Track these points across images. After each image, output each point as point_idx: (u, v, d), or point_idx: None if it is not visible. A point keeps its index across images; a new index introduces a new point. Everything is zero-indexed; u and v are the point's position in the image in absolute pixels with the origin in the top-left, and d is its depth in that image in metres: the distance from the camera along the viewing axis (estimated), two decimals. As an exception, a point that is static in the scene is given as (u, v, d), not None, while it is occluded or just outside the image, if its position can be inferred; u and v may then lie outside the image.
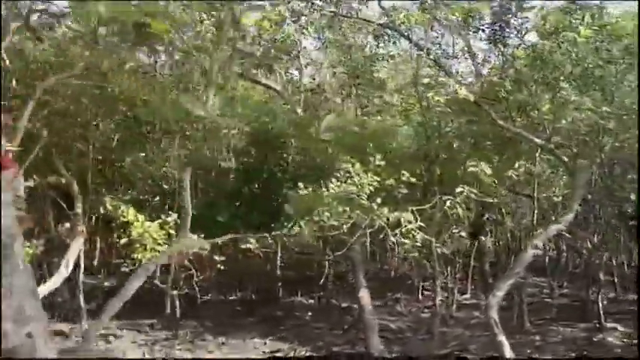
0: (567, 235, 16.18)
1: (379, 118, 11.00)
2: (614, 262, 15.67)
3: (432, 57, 10.41)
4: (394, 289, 15.33)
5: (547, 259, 17.54)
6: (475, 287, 15.72)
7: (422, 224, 8.62)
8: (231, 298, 14.33)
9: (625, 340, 11.17)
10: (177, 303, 10.88)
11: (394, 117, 11.73)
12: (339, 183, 8.72)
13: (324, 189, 8.77)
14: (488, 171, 8.27)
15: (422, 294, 14.48)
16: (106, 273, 13.82)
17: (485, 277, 14.93)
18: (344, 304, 13.29)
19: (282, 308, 13.32)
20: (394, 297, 14.51)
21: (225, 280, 15.73)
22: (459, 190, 8.65)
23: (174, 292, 10.52)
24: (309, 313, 12.96)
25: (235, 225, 11.80)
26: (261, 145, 13.28)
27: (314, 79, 13.02)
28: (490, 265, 16.30)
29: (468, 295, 15.45)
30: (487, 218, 13.67)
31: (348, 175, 8.86)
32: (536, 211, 11.86)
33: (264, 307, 13.28)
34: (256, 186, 13.01)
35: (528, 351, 10.22)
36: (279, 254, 13.92)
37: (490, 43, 10.80)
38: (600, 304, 11.94)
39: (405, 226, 8.65)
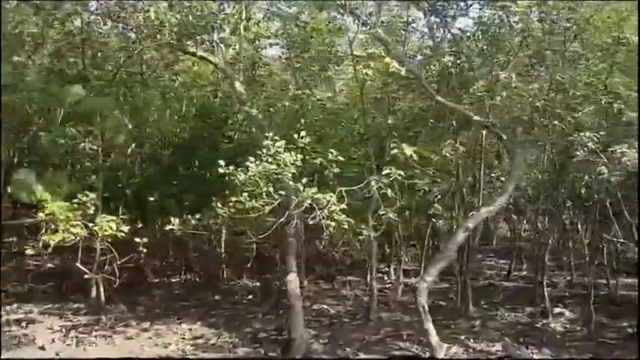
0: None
1: (320, 93, 10.55)
2: (569, 244, 15.58)
3: (369, 28, 9.94)
4: (348, 272, 15.11)
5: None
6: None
7: (344, 206, 8.22)
8: (174, 280, 13.98)
9: (568, 326, 11.02)
10: (102, 287, 10.51)
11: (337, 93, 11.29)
12: (257, 162, 8.30)
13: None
14: (408, 152, 7.88)
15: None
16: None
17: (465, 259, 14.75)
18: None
19: (222, 292, 13.03)
20: (344, 280, 14.26)
21: (177, 262, 15.54)
22: (385, 171, 8.28)
23: (97, 276, 10.12)
24: (249, 297, 12.68)
25: (169, 205, 11.47)
26: (204, 122, 12.91)
27: (257, 51, 12.51)
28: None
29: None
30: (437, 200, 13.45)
31: (269, 153, 8.45)
32: (483, 192, 11.62)
33: (205, 290, 13.00)
34: (195, 164, 12.64)
35: (462, 337, 10.00)
36: (224, 236, 13.63)
37: (432, 14, 10.38)
38: (545, 288, 11.73)
39: (328, 207, 8.27)
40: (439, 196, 12.73)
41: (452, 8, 10.38)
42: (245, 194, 8.37)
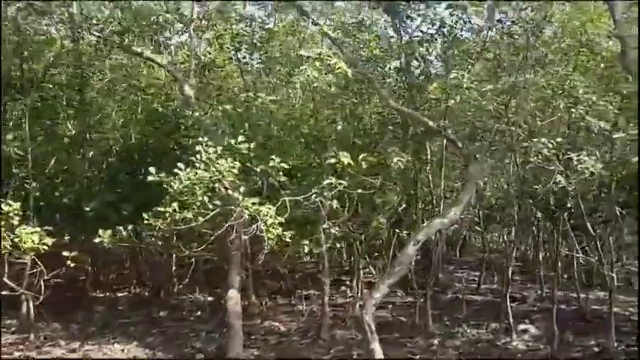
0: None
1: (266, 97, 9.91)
2: (540, 257, 15.18)
3: (318, 28, 9.42)
4: (309, 286, 14.51)
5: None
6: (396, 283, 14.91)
7: (280, 218, 7.63)
8: (121, 294, 13.28)
9: (531, 344, 10.52)
10: (31, 304, 9.81)
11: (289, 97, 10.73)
12: (189, 169, 7.70)
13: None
14: (345, 160, 7.31)
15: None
16: None
17: (409, 273, 14.20)
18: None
19: (170, 307, 12.37)
20: (303, 295, 13.65)
21: (130, 275, 14.86)
22: (326, 182, 7.71)
23: (25, 292, 9.41)
24: (198, 313, 12.02)
25: (108, 215, 10.80)
26: (154, 127, 12.26)
27: (210, 53, 11.91)
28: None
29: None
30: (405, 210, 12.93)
31: (202, 159, 7.85)
32: (442, 201, 11.12)
33: (152, 305, 12.33)
34: (141, 172, 11.97)
35: (417, 357, 9.45)
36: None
37: (387, 15, 9.91)
38: (509, 303, 11.21)
39: (264, 219, 7.69)
40: (403, 207, 12.25)
41: (409, 9, 9.91)
42: (175, 204, 7.78)
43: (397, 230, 12.64)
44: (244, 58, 10.75)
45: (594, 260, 11.02)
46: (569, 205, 10.81)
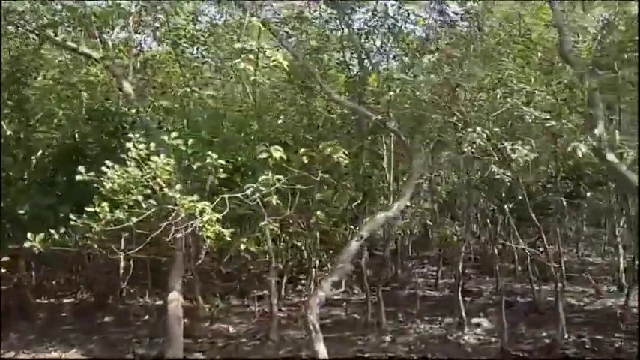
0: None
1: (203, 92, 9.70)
2: (495, 250, 15.26)
3: (257, 20, 9.21)
4: (265, 285, 14.28)
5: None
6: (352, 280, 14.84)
7: (217, 215, 7.42)
8: (67, 300, 12.86)
9: (482, 337, 10.53)
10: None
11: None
12: (117, 167, 7.42)
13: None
14: (276, 155, 7.13)
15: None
16: None
17: (362, 269, 14.13)
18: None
19: (117, 312, 12.02)
20: (256, 295, 13.43)
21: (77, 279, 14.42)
22: (262, 177, 7.53)
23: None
24: (146, 317, 11.70)
25: (46, 217, 10.41)
26: (97, 125, 11.87)
27: (151, 48, 11.62)
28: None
29: (342, 289, 14.57)
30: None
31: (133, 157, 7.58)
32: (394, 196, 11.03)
33: (98, 311, 11.95)
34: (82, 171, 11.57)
35: (366, 355, 9.36)
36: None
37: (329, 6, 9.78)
38: (461, 297, 11.21)
39: (200, 217, 7.48)
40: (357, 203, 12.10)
41: (352, 1, 9.80)
42: (105, 204, 7.51)
43: (352, 227, 12.60)
44: (183, 53, 10.46)
45: (538, 252, 11.04)
46: (515, 197, 10.89)
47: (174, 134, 7.93)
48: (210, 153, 8.00)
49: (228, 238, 8.13)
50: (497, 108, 7.60)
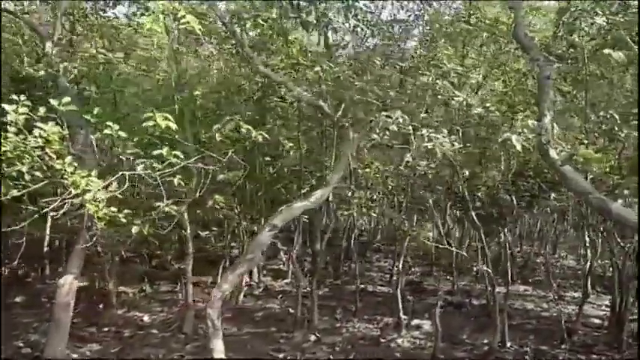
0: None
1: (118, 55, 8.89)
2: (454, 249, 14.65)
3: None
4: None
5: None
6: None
7: (105, 193, 6.73)
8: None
9: (419, 341, 9.96)
10: None
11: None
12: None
13: None
14: (163, 123, 6.40)
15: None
16: None
17: (315, 259, 13.52)
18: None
19: (33, 292, 11.41)
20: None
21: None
22: (156, 152, 6.84)
23: None
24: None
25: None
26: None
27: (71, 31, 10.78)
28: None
29: (287, 280, 13.99)
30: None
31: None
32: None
33: (12, 290, 11.30)
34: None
35: (281, 356, 8.76)
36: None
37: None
38: (399, 297, 10.61)
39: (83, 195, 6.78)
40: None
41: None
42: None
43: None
44: (104, 11, 9.67)
45: (488, 252, 10.43)
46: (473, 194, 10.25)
47: (66, 99, 7.23)
48: (110, 123, 7.30)
49: (124, 220, 7.54)
50: (427, 92, 6.89)
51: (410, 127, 6.19)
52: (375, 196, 11.10)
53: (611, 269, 11.91)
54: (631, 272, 10.35)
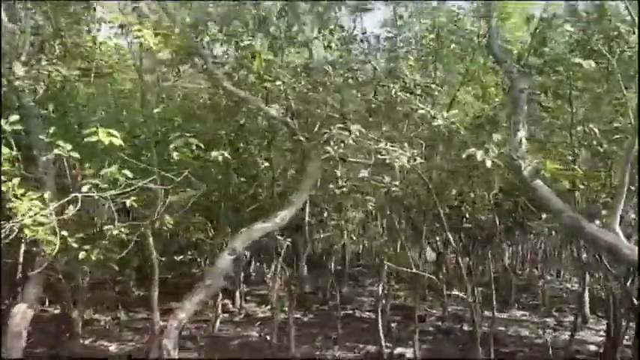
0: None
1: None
2: (445, 270, 14.22)
3: None
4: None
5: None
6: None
7: (47, 216, 6.41)
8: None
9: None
10: None
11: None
12: None
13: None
14: (106, 139, 6.08)
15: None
16: None
17: (299, 283, 13.11)
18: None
19: None
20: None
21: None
22: (104, 171, 6.53)
23: None
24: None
25: None
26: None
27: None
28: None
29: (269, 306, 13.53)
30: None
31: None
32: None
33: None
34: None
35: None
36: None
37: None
38: (380, 323, 10.12)
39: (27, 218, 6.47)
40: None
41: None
42: None
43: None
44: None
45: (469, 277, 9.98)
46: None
47: (13, 117, 6.95)
48: (61, 143, 7.00)
49: (75, 245, 7.21)
50: (393, 105, 6.56)
51: (369, 142, 5.85)
52: (354, 217, 10.67)
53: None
54: (623, 296, 9.83)
